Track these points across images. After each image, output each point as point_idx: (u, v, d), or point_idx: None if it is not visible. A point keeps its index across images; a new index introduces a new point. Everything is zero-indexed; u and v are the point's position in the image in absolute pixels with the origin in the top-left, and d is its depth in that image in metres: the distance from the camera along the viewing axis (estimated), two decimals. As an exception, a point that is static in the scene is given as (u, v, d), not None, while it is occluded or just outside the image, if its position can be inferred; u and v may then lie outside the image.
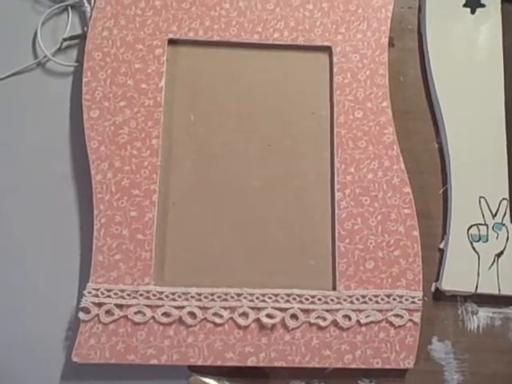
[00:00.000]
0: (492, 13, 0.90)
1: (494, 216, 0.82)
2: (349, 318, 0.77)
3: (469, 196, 0.83)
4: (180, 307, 0.77)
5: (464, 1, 0.90)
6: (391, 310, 0.78)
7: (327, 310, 0.77)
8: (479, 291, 0.80)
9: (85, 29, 0.89)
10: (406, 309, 0.78)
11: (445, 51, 0.88)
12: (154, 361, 0.76)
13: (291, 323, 0.77)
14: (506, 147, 0.84)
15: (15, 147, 0.85)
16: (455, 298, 0.82)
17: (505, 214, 0.82)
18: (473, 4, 0.90)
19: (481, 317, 0.81)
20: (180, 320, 0.77)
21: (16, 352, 0.79)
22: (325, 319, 0.77)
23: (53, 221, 0.83)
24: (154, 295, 0.77)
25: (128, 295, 0.77)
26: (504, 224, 0.82)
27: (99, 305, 0.76)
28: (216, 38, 0.87)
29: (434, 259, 0.83)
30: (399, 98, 0.88)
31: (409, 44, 0.91)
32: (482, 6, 0.90)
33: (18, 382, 0.79)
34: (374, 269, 0.79)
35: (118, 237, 0.79)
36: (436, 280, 0.82)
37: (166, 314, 0.77)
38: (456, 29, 0.89)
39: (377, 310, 0.78)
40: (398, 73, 0.89)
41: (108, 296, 0.77)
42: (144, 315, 0.76)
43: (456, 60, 0.88)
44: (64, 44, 0.89)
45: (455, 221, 0.82)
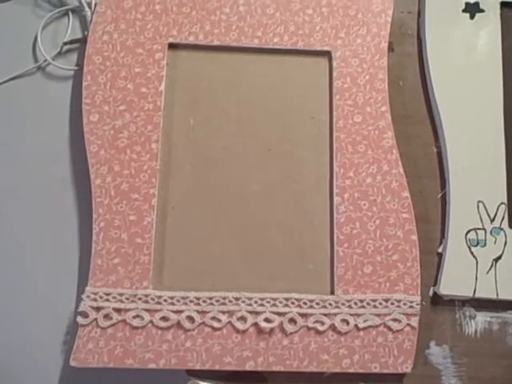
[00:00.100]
0: (491, 18, 0.90)
1: (492, 221, 0.82)
2: (347, 323, 0.77)
3: (467, 200, 0.83)
4: (178, 311, 0.77)
5: (463, 6, 0.90)
6: (389, 315, 0.78)
7: (325, 315, 0.78)
8: (477, 296, 0.80)
9: (85, 33, 0.90)
10: (404, 313, 0.78)
11: (444, 56, 0.88)
12: (153, 365, 0.76)
13: (289, 327, 0.77)
14: (505, 152, 0.84)
15: (15, 150, 0.85)
16: (453, 303, 0.82)
17: (503, 219, 0.82)
18: (472, 9, 0.90)
19: (479, 321, 0.82)
20: (178, 324, 0.77)
21: (14, 356, 0.79)
22: (323, 323, 0.77)
23: (52, 224, 0.83)
24: (153, 299, 0.77)
25: (126, 299, 0.77)
26: (502, 228, 0.82)
27: (97, 309, 0.76)
28: (216, 43, 0.87)
29: (433, 263, 0.83)
30: (398, 103, 0.88)
31: (408, 49, 0.91)
32: (481, 11, 0.90)
33: (17, 387, 0.80)
34: (373, 273, 0.79)
35: (117, 241, 0.79)
36: (434, 284, 0.82)
37: (165, 319, 0.77)
38: (455, 34, 0.89)
39: (375, 315, 0.78)
40: (398, 77, 0.90)
41: (106, 300, 0.77)
42: (142, 319, 0.76)
43: (455, 65, 0.88)
44: (64, 48, 0.90)
45: (453, 225, 0.82)
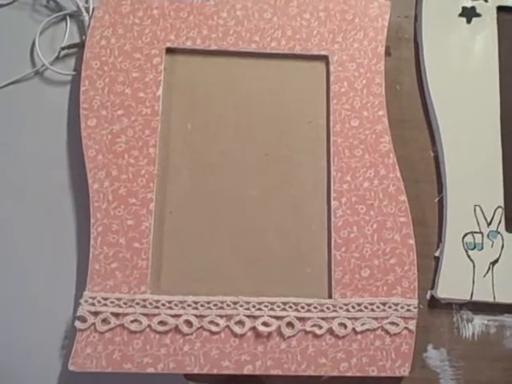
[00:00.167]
0: (488, 22, 0.90)
1: (489, 224, 0.82)
2: (344, 326, 0.78)
3: (464, 204, 0.83)
4: (176, 316, 0.77)
5: (460, 10, 0.90)
6: (387, 318, 0.78)
7: (323, 318, 0.78)
8: (474, 299, 0.80)
9: (83, 38, 0.90)
10: (402, 317, 0.78)
11: (441, 60, 0.89)
12: (151, 369, 0.76)
13: (287, 331, 0.77)
14: (502, 155, 0.84)
15: (13, 155, 0.85)
16: (450, 306, 0.82)
17: (500, 222, 0.82)
18: (469, 14, 0.90)
19: (476, 324, 0.82)
20: (176, 328, 0.77)
21: (13, 360, 0.79)
22: (320, 327, 0.77)
23: (50, 229, 0.83)
24: (151, 304, 0.77)
25: (124, 304, 0.77)
26: (499, 232, 0.82)
27: (95, 313, 0.76)
28: (213, 47, 0.87)
29: (430, 267, 0.83)
30: (395, 107, 0.88)
31: (405, 53, 0.91)
32: (478, 16, 0.90)
33: (15, 391, 0.80)
34: (370, 277, 0.79)
35: (115, 245, 0.79)
36: (431, 288, 0.82)
37: (163, 323, 0.77)
38: (452, 38, 0.90)
39: (372, 318, 0.78)
40: (395, 82, 0.90)
41: (104, 304, 0.77)
42: (140, 324, 0.76)
43: (452, 69, 0.88)
44: (62, 53, 0.90)
45: (450, 229, 0.82)
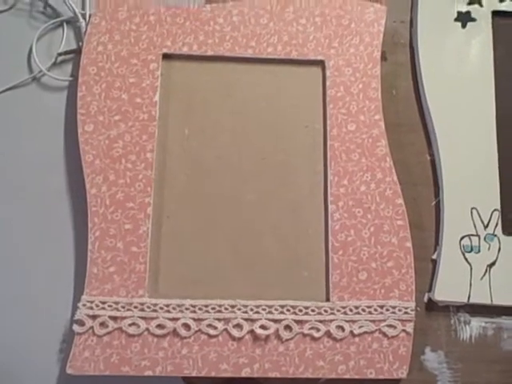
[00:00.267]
0: (483, 27, 0.90)
1: (486, 227, 0.82)
2: (342, 329, 0.78)
3: (461, 207, 0.83)
4: (174, 319, 0.77)
5: (455, 15, 0.91)
6: (384, 321, 0.78)
7: (321, 321, 0.78)
8: (471, 301, 0.80)
9: (80, 44, 0.90)
10: (399, 319, 0.78)
11: (436, 65, 0.89)
12: (149, 372, 0.76)
13: (285, 334, 0.77)
14: (498, 158, 0.85)
15: (10, 161, 0.85)
16: (448, 309, 0.82)
17: (496, 225, 0.82)
18: (464, 18, 0.91)
19: (473, 327, 0.82)
20: (174, 332, 0.77)
21: (10, 364, 0.79)
22: (318, 330, 0.77)
23: (48, 233, 0.83)
24: (149, 307, 0.77)
25: (122, 307, 0.77)
26: (496, 235, 0.82)
27: (93, 317, 0.77)
28: (210, 53, 0.87)
29: (427, 270, 0.83)
30: (392, 111, 0.88)
31: (401, 58, 0.92)
32: (473, 20, 0.91)
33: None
34: (367, 280, 0.79)
35: (113, 249, 0.79)
36: (429, 290, 0.82)
37: (161, 326, 0.77)
38: (447, 43, 0.90)
39: (370, 321, 0.78)
40: (391, 86, 0.90)
41: (102, 308, 0.77)
42: (138, 327, 0.77)
43: (447, 73, 0.89)
44: (59, 59, 0.90)
45: (447, 232, 0.82)
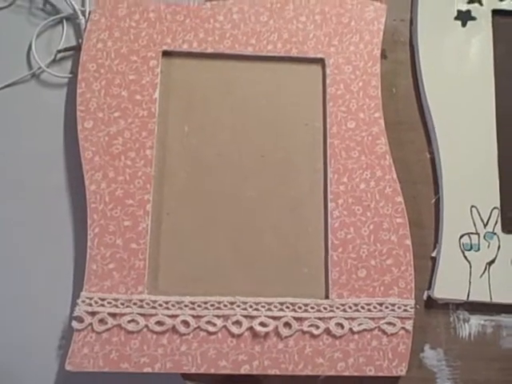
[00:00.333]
0: (483, 25, 0.90)
1: (486, 225, 0.82)
2: (341, 326, 0.78)
3: (460, 205, 0.83)
4: (173, 316, 0.77)
5: (455, 14, 0.91)
6: (383, 318, 0.78)
7: (320, 318, 0.78)
8: (471, 299, 0.80)
9: (79, 41, 0.90)
10: (399, 317, 0.78)
11: (436, 63, 0.89)
12: (148, 369, 0.76)
13: (284, 331, 0.77)
14: (497, 157, 0.85)
15: (10, 157, 0.85)
16: (447, 306, 0.82)
17: (496, 223, 0.82)
18: (464, 17, 0.91)
19: (472, 324, 0.82)
20: (173, 328, 0.77)
21: (10, 360, 0.79)
22: (318, 327, 0.77)
23: (47, 230, 0.83)
24: (148, 304, 0.77)
25: (121, 304, 0.77)
26: (495, 233, 0.82)
27: (93, 314, 0.76)
28: (210, 50, 0.87)
29: (426, 268, 0.83)
30: (391, 109, 0.88)
31: (401, 56, 0.92)
32: (473, 19, 0.91)
33: (12, 392, 0.80)
34: (367, 277, 0.79)
35: (112, 246, 0.79)
36: (428, 288, 0.82)
37: (160, 323, 0.77)
38: (447, 41, 0.90)
39: (369, 318, 0.78)
40: (391, 84, 0.90)
41: (101, 305, 0.77)
42: (137, 324, 0.76)
43: (447, 72, 0.89)
44: (58, 55, 0.90)
45: (447, 230, 0.82)
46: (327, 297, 0.79)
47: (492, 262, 0.81)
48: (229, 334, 0.77)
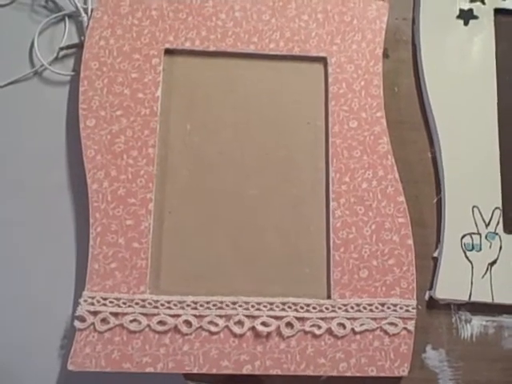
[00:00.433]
0: (485, 24, 0.90)
1: (487, 225, 0.82)
2: (343, 327, 0.78)
3: (462, 205, 0.83)
4: (176, 315, 0.77)
5: (457, 12, 0.91)
6: (385, 319, 0.78)
7: (322, 319, 0.78)
8: (473, 300, 0.80)
9: (82, 38, 0.90)
10: (400, 317, 0.78)
11: (438, 62, 0.89)
12: (150, 369, 0.76)
13: (286, 331, 0.77)
14: (499, 157, 0.85)
15: (12, 155, 0.85)
16: (449, 307, 0.82)
17: (498, 224, 0.83)
18: (466, 16, 0.91)
19: (474, 325, 0.82)
20: (175, 328, 0.77)
21: (12, 359, 0.79)
22: (319, 327, 0.78)
23: (49, 229, 0.83)
24: (150, 304, 0.77)
25: (124, 303, 0.77)
26: (497, 233, 0.82)
27: (95, 313, 0.76)
28: (212, 48, 0.87)
29: (428, 268, 0.83)
30: (394, 109, 0.88)
31: (403, 55, 0.92)
32: (475, 18, 0.91)
33: (14, 391, 0.80)
34: (369, 277, 0.79)
35: (114, 245, 0.79)
36: (430, 288, 0.82)
37: (162, 323, 0.77)
38: (449, 40, 0.90)
39: (371, 319, 0.78)
40: (393, 83, 0.90)
41: (103, 304, 0.77)
42: (139, 323, 0.76)
43: (449, 71, 0.89)
44: (61, 53, 0.90)
45: (449, 230, 0.82)
46: (329, 297, 0.79)
47: (494, 263, 0.81)
48: (231, 334, 0.77)
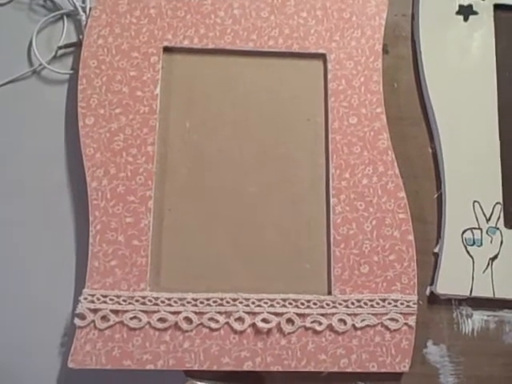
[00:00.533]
0: (485, 20, 0.90)
1: (488, 220, 0.82)
2: (344, 322, 0.78)
3: (463, 200, 0.83)
4: (176, 312, 0.77)
5: (457, 8, 0.91)
6: (386, 314, 0.78)
7: (323, 315, 0.78)
8: (474, 295, 0.80)
9: (80, 37, 0.90)
10: (401, 313, 0.78)
11: (438, 58, 0.89)
12: (150, 366, 0.76)
13: (287, 328, 0.77)
14: (500, 152, 0.85)
15: (11, 154, 0.85)
16: (450, 302, 0.82)
17: (498, 218, 0.82)
18: (465, 11, 0.91)
19: (475, 320, 0.82)
20: (176, 325, 0.77)
21: (12, 358, 0.79)
22: (320, 323, 0.77)
23: (49, 227, 0.83)
24: (150, 301, 0.77)
25: (124, 301, 0.77)
26: (498, 228, 0.82)
27: (95, 311, 0.76)
28: (211, 46, 0.87)
29: (429, 263, 0.83)
30: (393, 105, 0.88)
31: (403, 51, 0.92)
32: (475, 14, 0.91)
33: (15, 389, 0.80)
34: (369, 273, 0.79)
35: (114, 243, 0.79)
36: (431, 284, 0.82)
37: (162, 320, 0.77)
38: (449, 36, 0.90)
39: (372, 314, 0.78)
40: (392, 79, 0.90)
41: (104, 302, 0.77)
42: (140, 321, 0.76)
43: (449, 67, 0.88)
44: (59, 52, 0.90)
45: (449, 225, 0.82)
46: (330, 293, 0.79)
47: (495, 258, 0.81)
48: (231, 331, 0.77)
